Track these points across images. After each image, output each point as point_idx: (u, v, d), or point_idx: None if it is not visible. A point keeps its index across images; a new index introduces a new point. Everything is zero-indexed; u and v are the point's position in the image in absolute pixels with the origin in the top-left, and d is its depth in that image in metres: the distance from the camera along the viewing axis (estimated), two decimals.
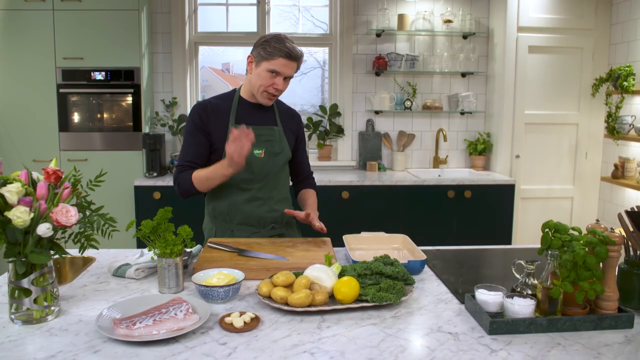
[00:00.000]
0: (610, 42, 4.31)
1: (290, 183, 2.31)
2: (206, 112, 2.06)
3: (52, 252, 1.36)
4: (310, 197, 2.25)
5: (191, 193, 2.03)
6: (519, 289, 1.44)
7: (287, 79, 2.04)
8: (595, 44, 4.30)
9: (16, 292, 1.33)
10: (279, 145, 2.12)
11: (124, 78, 3.93)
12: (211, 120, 2.05)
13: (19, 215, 1.25)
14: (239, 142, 1.78)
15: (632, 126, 3.93)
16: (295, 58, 1.99)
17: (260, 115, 2.12)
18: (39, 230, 1.28)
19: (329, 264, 1.59)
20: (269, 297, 1.43)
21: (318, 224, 2.02)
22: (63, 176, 1.39)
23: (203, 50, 4.52)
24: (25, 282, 1.32)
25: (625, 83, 3.90)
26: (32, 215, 1.28)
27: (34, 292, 1.33)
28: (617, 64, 4.16)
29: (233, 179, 2.03)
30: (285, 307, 1.38)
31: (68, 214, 1.31)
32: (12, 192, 1.27)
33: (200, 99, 4.46)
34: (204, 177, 1.98)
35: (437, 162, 4.56)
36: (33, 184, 1.36)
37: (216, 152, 2.06)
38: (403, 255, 1.93)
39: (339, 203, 3.87)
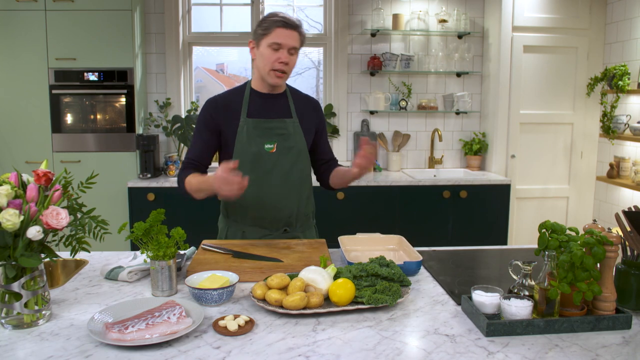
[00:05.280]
0: (605, 42, 4.32)
1: (314, 177, 2.19)
2: (217, 109, 2.00)
3: (42, 255, 1.34)
4: (342, 168, 2.10)
5: (186, 195, 1.97)
6: (515, 290, 1.43)
7: (292, 52, 1.93)
8: (590, 43, 4.31)
9: (6, 296, 1.31)
10: (293, 139, 2.03)
11: (117, 79, 3.91)
12: (222, 117, 1.99)
13: (9, 218, 1.22)
14: (229, 185, 1.67)
15: (627, 125, 3.93)
16: (293, 26, 1.91)
17: (273, 107, 2.04)
18: (29, 234, 1.25)
19: (324, 266, 1.57)
20: (264, 300, 1.42)
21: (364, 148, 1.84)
22: (54, 178, 1.37)
23: (197, 50, 4.49)
24: (15, 286, 1.30)
25: (620, 82, 3.90)
26: (22, 218, 1.25)
27: (24, 296, 1.31)
28: (612, 64, 4.17)
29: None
30: (280, 310, 1.36)
31: (58, 216, 1.29)
32: (1, 194, 1.25)
33: (194, 100, 4.44)
34: (195, 186, 1.90)
35: (433, 162, 4.55)
36: (23, 186, 1.34)
37: (226, 147, 2.01)
38: (399, 256, 1.92)
39: (334, 204, 3.86)
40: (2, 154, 3.90)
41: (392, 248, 2.00)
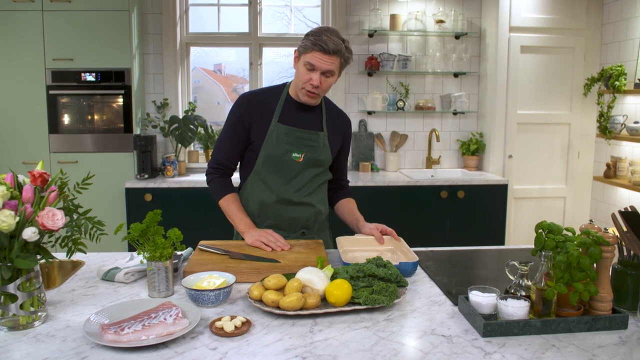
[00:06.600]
0: (602, 42, 4.32)
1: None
2: (250, 106, 1.99)
3: (38, 256, 1.34)
4: (356, 213, 2.18)
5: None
6: (512, 291, 1.43)
7: (327, 75, 1.89)
8: (587, 43, 4.31)
9: (2, 297, 1.30)
10: (321, 152, 2.03)
11: (114, 79, 3.90)
12: (254, 115, 1.98)
13: (4, 220, 1.22)
14: (269, 245, 1.87)
15: (623, 125, 3.94)
16: (330, 52, 1.83)
17: (305, 118, 2.03)
18: (25, 235, 1.25)
19: (321, 267, 1.57)
20: (260, 301, 1.41)
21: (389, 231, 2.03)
22: (49, 179, 1.36)
23: (194, 51, 4.49)
24: (11, 288, 1.29)
25: (616, 83, 3.90)
26: (17, 219, 1.25)
27: (20, 297, 1.30)
28: (609, 64, 4.17)
29: (267, 180, 2.00)
30: (277, 311, 1.36)
31: (54, 217, 1.28)
32: None
33: (191, 100, 4.43)
34: (225, 211, 2.04)
35: (430, 162, 4.56)
36: (19, 187, 1.34)
37: (253, 146, 2.01)
38: (396, 256, 1.92)
39: None
40: (0, 155, 3.90)
41: (389, 248, 1.99)
